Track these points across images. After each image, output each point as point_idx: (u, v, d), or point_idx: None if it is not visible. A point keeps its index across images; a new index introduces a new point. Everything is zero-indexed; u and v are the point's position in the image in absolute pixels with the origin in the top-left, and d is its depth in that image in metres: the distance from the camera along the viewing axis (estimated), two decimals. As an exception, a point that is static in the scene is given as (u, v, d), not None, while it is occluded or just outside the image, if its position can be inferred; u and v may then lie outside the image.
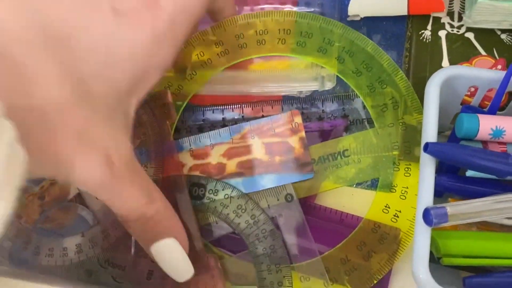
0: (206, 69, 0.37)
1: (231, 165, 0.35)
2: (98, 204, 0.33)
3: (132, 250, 0.33)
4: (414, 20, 0.41)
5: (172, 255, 0.28)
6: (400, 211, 0.33)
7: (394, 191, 0.34)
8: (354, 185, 0.37)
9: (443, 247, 0.29)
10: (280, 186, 0.34)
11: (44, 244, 0.33)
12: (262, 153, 0.35)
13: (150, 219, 0.27)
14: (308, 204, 0.36)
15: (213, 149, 0.35)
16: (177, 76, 0.37)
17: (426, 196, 0.29)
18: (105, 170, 0.24)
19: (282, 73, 0.39)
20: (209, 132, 0.36)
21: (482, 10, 0.37)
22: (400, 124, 0.35)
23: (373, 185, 0.35)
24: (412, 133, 0.35)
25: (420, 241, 0.28)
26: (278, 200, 0.34)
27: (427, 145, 0.29)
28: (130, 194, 0.26)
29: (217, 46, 0.38)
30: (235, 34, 0.38)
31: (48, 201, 0.33)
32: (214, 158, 0.35)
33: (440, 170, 0.35)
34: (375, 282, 0.32)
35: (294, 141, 0.35)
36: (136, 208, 0.26)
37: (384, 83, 0.36)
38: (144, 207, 0.27)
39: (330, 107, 0.38)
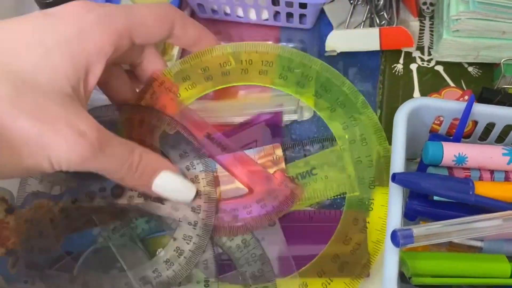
0: (190, 90, 0.39)
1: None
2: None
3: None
4: (387, 54, 0.44)
5: (171, 183, 0.33)
6: (368, 222, 0.35)
7: (361, 203, 0.36)
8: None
9: (412, 267, 0.31)
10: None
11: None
12: (245, 183, 0.37)
13: (139, 165, 0.31)
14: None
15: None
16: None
17: (394, 220, 0.31)
18: (81, 141, 0.27)
19: (264, 103, 0.42)
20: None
21: (447, 46, 0.40)
22: (375, 153, 0.37)
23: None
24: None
25: (389, 261, 0.30)
26: None
27: (394, 175, 0.31)
28: (113, 153, 0.30)
29: (203, 71, 0.39)
30: (220, 62, 0.39)
31: (36, 224, 0.35)
32: (199, 186, 0.37)
33: (412, 194, 0.37)
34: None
35: (274, 173, 0.37)
36: (123, 162, 0.30)
37: (355, 119, 0.38)
38: (130, 158, 0.30)
39: (312, 149, 0.40)
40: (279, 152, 0.38)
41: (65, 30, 0.29)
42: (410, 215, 0.36)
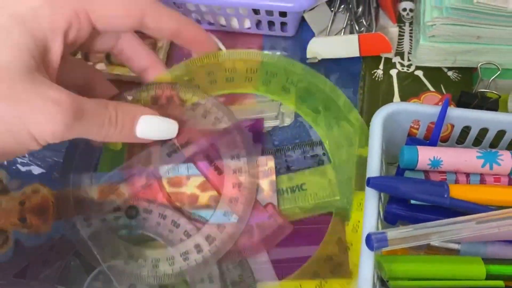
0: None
1: (204, 197, 0.37)
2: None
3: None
4: (368, 60, 0.44)
5: (152, 124, 0.34)
6: (351, 244, 0.36)
7: (347, 224, 0.37)
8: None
9: (389, 270, 0.31)
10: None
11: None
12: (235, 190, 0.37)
13: (117, 117, 0.32)
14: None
15: (189, 179, 0.38)
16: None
17: (369, 224, 0.31)
18: (58, 109, 0.28)
19: (246, 110, 0.43)
20: (188, 163, 0.38)
21: (425, 51, 0.40)
22: (356, 157, 0.38)
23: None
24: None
25: (364, 265, 0.30)
26: None
27: (369, 179, 0.32)
28: (90, 113, 0.30)
29: (190, 81, 0.41)
30: (207, 72, 0.41)
31: (28, 207, 0.36)
32: (189, 188, 0.37)
33: (392, 198, 0.37)
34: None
35: (264, 184, 0.38)
36: (103, 119, 0.31)
37: (340, 120, 0.39)
38: (107, 113, 0.31)
39: (294, 155, 0.41)
40: (271, 163, 0.39)
41: (19, 10, 0.29)
42: (390, 219, 0.37)
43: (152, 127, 0.34)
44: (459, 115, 0.35)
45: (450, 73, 0.43)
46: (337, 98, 0.40)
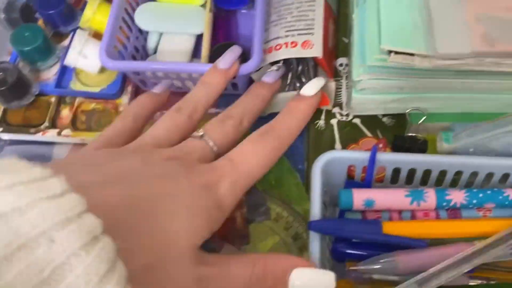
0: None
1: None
2: None
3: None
4: (311, 112, 0.49)
5: (306, 277, 0.30)
6: None
7: None
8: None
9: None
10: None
11: None
12: None
13: (265, 273, 0.30)
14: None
15: None
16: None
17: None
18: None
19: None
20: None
21: (357, 102, 0.45)
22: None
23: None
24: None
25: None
26: None
27: (310, 223, 0.35)
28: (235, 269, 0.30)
29: None
30: None
31: None
32: None
33: (337, 237, 0.41)
34: None
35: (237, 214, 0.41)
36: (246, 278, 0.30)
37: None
38: (251, 270, 0.30)
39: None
40: None
41: None
42: (337, 257, 0.40)
43: (302, 280, 0.30)
44: (388, 159, 0.39)
45: (384, 119, 0.48)
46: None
